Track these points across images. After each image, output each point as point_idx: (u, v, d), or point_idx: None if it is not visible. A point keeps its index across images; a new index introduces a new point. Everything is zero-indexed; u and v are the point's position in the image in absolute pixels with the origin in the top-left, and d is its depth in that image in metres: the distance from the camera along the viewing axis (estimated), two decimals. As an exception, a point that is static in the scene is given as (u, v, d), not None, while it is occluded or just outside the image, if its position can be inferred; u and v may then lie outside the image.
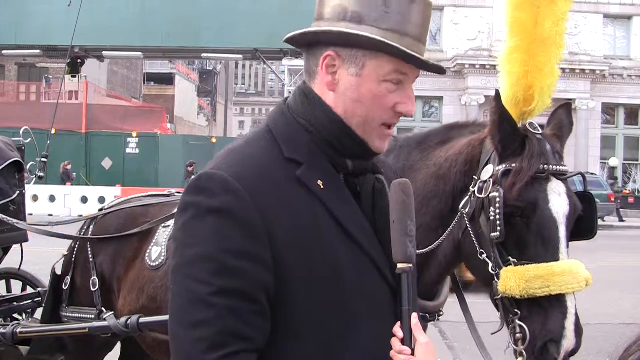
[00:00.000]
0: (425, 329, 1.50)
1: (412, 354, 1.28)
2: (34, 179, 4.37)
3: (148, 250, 2.86)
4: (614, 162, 29.54)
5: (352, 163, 1.42)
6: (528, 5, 2.24)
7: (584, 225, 2.21)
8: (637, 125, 31.31)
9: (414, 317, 1.31)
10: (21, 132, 4.47)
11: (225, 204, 1.28)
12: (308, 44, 1.44)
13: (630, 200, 26.87)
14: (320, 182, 1.36)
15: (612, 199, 23.75)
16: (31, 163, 4.39)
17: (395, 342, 1.31)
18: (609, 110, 31.12)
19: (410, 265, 1.32)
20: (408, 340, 1.30)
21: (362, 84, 1.38)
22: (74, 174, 24.11)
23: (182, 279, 1.28)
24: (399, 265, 1.32)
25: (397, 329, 1.32)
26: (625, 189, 27.67)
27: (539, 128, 2.23)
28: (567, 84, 27.86)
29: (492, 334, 2.23)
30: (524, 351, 2.06)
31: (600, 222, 21.61)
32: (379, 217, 1.41)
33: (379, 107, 1.39)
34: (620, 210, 25.29)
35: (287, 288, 1.30)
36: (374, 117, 1.40)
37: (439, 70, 1.45)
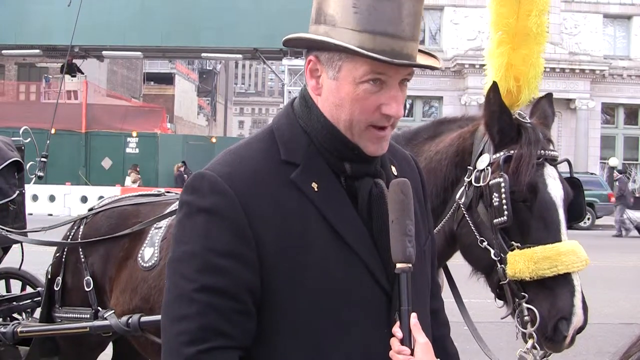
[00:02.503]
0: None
1: (412, 354, 1.28)
2: (34, 178, 4.37)
3: (141, 251, 2.83)
4: (613, 162, 29.51)
5: (350, 166, 1.40)
6: (510, 1, 2.30)
7: (574, 209, 2.27)
8: (637, 125, 31.29)
9: (413, 317, 1.30)
10: (21, 131, 4.48)
11: (213, 204, 1.31)
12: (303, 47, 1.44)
13: (630, 200, 26.78)
14: (315, 185, 1.36)
15: (612, 199, 23.71)
16: (31, 163, 4.39)
17: (395, 342, 1.30)
18: (608, 110, 31.10)
19: (410, 265, 1.31)
20: (407, 340, 1.29)
21: (340, 87, 1.36)
22: (186, 176, 24.03)
23: (172, 274, 1.34)
24: (398, 265, 1.31)
25: (397, 329, 1.31)
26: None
27: (527, 118, 2.31)
28: (567, 83, 27.85)
29: (501, 318, 2.26)
30: (534, 333, 2.10)
31: (600, 221, 21.70)
32: (376, 222, 1.39)
33: (361, 110, 1.35)
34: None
35: (273, 290, 1.31)
36: (359, 120, 1.36)
37: (425, 67, 1.39)
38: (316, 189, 1.36)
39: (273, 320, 1.32)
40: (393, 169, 1.51)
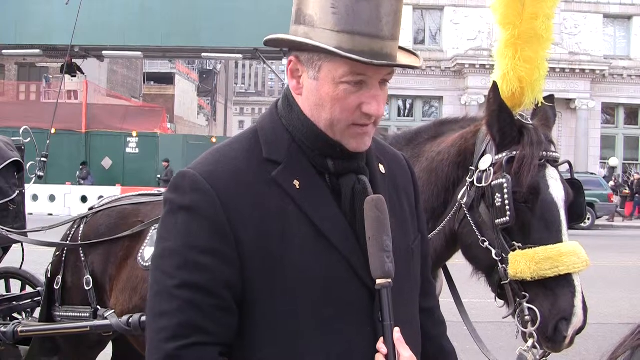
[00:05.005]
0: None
1: None
2: (34, 178, 4.37)
3: (141, 250, 2.84)
4: (614, 162, 29.52)
5: (333, 163, 1.41)
6: (514, 3, 2.32)
7: (575, 210, 2.29)
8: (637, 125, 31.30)
9: (397, 332, 1.32)
10: (21, 131, 4.48)
11: (193, 202, 1.33)
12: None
13: (630, 200, 26.78)
14: (296, 182, 1.37)
15: (612, 199, 23.73)
16: (31, 163, 4.40)
17: (380, 358, 1.31)
18: (609, 110, 31.10)
19: (389, 280, 1.32)
20: (392, 355, 1.30)
21: (320, 87, 1.36)
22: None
23: (154, 270, 1.36)
24: (378, 281, 1.32)
25: (381, 345, 1.32)
26: (625, 189, 27.60)
27: (529, 119, 2.31)
28: (567, 83, 27.85)
29: (503, 317, 2.27)
30: (534, 332, 2.11)
31: (600, 221, 21.73)
32: (359, 219, 1.39)
33: (342, 110, 1.35)
34: (620, 210, 25.29)
35: (252, 287, 1.32)
36: (339, 119, 1.36)
37: (405, 66, 1.39)
38: (298, 187, 1.37)
39: (252, 316, 1.33)
40: (381, 167, 1.52)
